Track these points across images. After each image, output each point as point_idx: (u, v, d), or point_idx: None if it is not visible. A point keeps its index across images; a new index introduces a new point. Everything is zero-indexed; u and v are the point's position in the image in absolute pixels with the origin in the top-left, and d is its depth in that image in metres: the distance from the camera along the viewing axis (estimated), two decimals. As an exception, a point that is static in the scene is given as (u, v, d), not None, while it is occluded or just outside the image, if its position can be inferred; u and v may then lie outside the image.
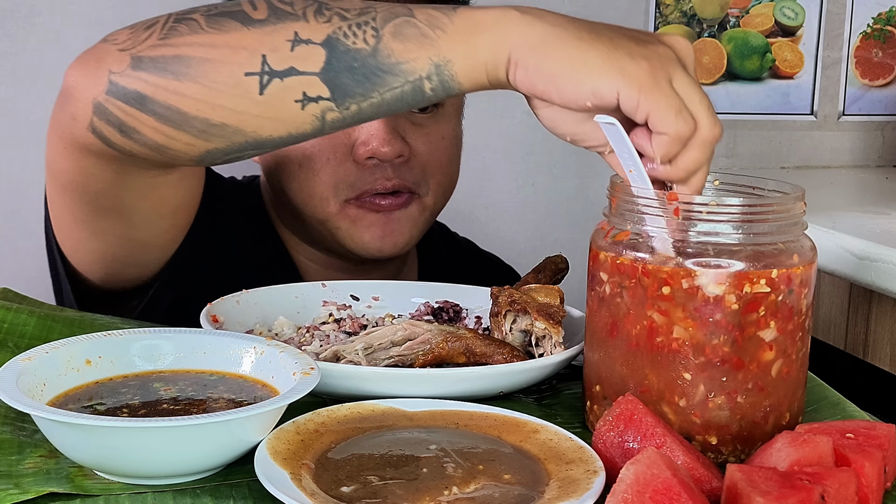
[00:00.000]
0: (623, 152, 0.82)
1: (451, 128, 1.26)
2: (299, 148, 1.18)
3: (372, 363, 0.90)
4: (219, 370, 0.84)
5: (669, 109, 0.80)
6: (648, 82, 0.80)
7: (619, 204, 0.83)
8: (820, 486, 0.65)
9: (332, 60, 0.84)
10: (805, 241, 0.82)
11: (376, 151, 1.17)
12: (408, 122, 1.21)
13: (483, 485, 0.70)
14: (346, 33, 0.85)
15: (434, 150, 1.23)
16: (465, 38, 0.84)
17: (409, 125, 1.21)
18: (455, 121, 1.27)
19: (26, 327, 0.95)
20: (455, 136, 1.27)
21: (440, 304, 1.10)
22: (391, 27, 0.85)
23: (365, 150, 1.17)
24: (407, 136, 1.20)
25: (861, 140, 2.15)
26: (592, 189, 1.92)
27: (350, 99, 0.85)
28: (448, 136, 1.25)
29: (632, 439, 0.73)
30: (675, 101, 0.80)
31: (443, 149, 1.24)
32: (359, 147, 1.18)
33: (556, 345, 0.92)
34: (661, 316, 0.79)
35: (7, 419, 0.81)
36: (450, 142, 1.25)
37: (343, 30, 0.85)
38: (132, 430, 0.69)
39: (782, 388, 0.81)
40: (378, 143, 1.17)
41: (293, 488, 0.68)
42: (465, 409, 0.83)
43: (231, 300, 1.04)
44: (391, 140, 1.17)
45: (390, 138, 1.17)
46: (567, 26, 0.84)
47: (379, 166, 1.19)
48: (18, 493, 0.69)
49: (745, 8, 2.03)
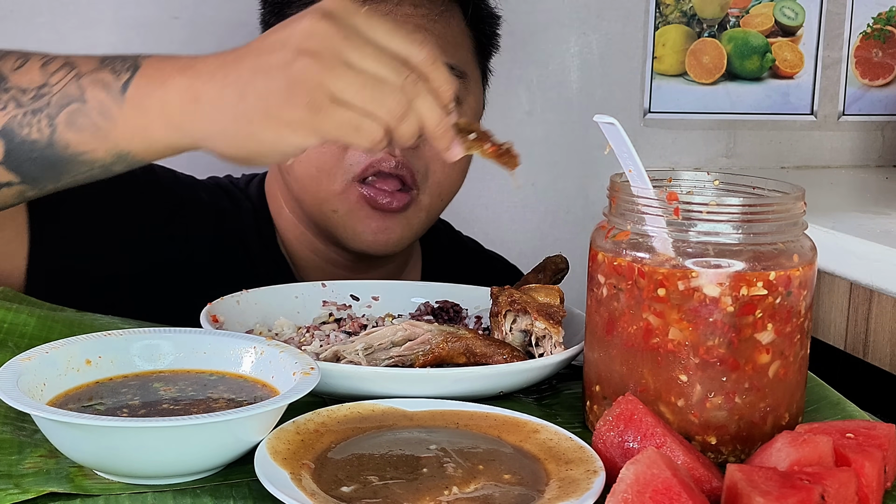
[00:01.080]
0: (623, 152, 0.82)
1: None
2: None
3: (372, 363, 0.90)
4: (219, 370, 0.84)
5: (344, 131, 0.78)
6: (306, 119, 0.78)
7: (619, 204, 0.83)
8: (820, 486, 0.65)
9: (11, 151, 0.86)
10: (805, 241, 0.82)
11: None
12: None
13: (483, 485, 0.70)
14: (21, 122, 0.86)
15: None
16: (138, 130, 0.85)
17: None
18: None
19: (26, 327, 0.95)
20: None
21: (440, 303, 1.10)
22: (65, 115, 0.86)
23: None
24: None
25: (861, 140, 2.15)
26: (592, 189, 1.92)
27: (42, 182, 0.88)
28: None
29: (632, 439, 0.73)
30: (346, 117, 0.78)
31: None
32: None
33: (556, 345, 0.92)
34: (656, 318, 0.79)
35: (7, 419, 0.81)
36: None
37: (18, 118, 0.86)
38: (132, 430, 0.69)
39: (780, 389, 0.81)
40: None
41: (293, 488, 0.68)
42: (465, 409, 0.83)
43: (231, 300, 1.04)
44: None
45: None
46: (222, 93, 0.81)
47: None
48: (18, 493, 0.69)
49: (745, 8, 2.03)
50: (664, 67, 1.99)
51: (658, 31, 1.97)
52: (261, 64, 0.80)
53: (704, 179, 0.89)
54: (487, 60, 1.32)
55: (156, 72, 0.85)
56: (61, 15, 1.59)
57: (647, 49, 1.97)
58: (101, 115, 0.85)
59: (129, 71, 0.85)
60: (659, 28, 1.97)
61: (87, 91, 0.85)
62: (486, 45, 1.29)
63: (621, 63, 1.94)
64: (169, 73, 0.84)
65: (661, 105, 2.00)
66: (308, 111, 0.78)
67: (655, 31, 1.97)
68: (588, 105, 1.91)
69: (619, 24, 1.93)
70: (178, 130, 0.84)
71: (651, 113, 1.99)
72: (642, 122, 1.98)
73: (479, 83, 1.28)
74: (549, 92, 1.89)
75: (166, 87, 0.84)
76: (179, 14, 1.63)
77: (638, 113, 1.98)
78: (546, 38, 1.87)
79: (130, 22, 1.60)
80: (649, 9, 1.96)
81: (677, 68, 2.00)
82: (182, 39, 1.63)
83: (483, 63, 1.30)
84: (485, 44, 1.29)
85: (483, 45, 1.29)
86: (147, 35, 1.61)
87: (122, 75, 0.85)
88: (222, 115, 0.81)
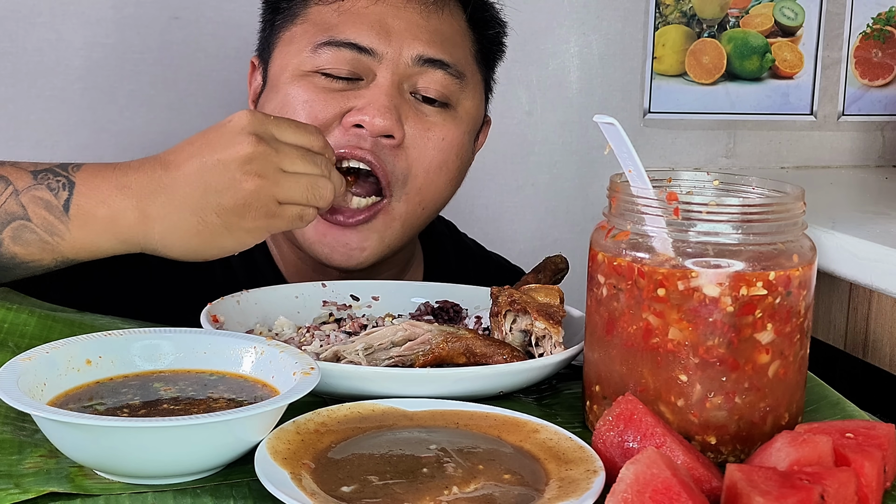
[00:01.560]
0: (622, 152, 0.82)
1: (457, 134, 1.17)
2: (292, 99, 1.15)
3: (372, 363, 0.90)
4: (219, 370, 0.84)
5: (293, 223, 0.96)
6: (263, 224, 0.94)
7: (619, 204, 0.83)
8: (820, 486, 0.65)
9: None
10: (805, 241, 0.82)
11: (368, 121, 1.10)
12: (412, 107, 1.15)
13: (483, 484, 0.70)
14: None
15: (428, 147, 1.14)
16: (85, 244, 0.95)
17: (412, 111, 1.14)
18: (463, 131, 1.18)
19: (26, 327, 0.95)
20: (458, 145, 1.18)
21: (440, 304, 1.10)
22: (10, 231, 0.94)
23: (356, 117, 1.11)
24: (406, 122, 1.13)
25: (861, 140, 2.15)
26: (592, 189, 1.92)
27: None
28: (449, 139, 1.16)
29: (632, 439, 0.73)
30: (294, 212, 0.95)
31: (438, 150, 1.15)
32: (352, 113, 1.12)
33: (556, 345, 0.92)
34: (656, 318, 0.79)
35: (7, 419, 0.81)
36: (449, 145, 1.16)
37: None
38: (132, 430, 0.69)
39: (780, 389, 0.81)
40: (373, 112, 1.11)
41: (293, 488, 0.68)
42: (465, 408, 0.83)
43: (231, 300, 1.04)
44: (387, 114, 1.11)
45: (387, 112, 1.11)
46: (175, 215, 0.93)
47: (362, 137, 1.12)
48: (18, 493, 0.69)
49: (745, 8, 2.03)
50: (664, 67, 1.98)
51: (658, 32, 1.97)
52: (209, 185, 0.92)
53: (704, 179, 0.89)
54: (492, 69, 1.27)
55: (92, 190, 0.94)
56: (61, 15, 1.58)
57: (646, 49, 1.97)
58: (47, 232, 0.94)
59: (65, 189, 0.95)
60: (659, 28, 1.97)
61: (29, 209, 0.94)
62: (488, 49, 1.25)
63: (621, 63, 1.94)
64: (106, 192, 0.94)
65: (661, 105, 2.00)
66: (265, 219, 0.94)
67: (655, 32, 1.97)
68: (588, 105, 1.91)
69: (619, 24, 1.93)
70: (125, 242, 0.95)
71: (651, 113, 1.99)
72: (642, 122, 1.98)
73: (478, 88, 1.22)
74: (549, 92, 1.89)
75: (109, 205, 0.94)
76: (179, 14, 1.63)
77: (638, 113, 1.97)
78: (546, 38, 1.87)
79: (130, 22, 1.60)
80: (649, 9, 1.96)
81: (677, 68, 2.00)
82: (182, 39, 1.63)
83: (486, 70, 1.25)
84: (487, 48, 1.24)
85: (485, 50, 1.24)
86: (147, 35, 1.61)
87: (61, 193, 0.94)
88: (180, 231, 0.94)
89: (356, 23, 1.15)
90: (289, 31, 1.19)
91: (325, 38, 1.15)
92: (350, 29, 1.15)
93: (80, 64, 1.60)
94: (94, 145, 1.61)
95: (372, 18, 1.15)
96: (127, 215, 0.94)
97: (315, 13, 1.18)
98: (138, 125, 1.62)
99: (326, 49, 1.15)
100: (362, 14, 1.16)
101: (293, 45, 1.18)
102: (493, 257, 1.48)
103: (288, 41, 1.19)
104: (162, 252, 0.96)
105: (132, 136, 1.61)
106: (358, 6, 1.16)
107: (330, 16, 1.16)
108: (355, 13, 1.16)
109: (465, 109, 1.19)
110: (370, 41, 1.14)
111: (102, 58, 1.60)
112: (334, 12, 1.17)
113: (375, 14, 1.15)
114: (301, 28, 1.18)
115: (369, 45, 1.14)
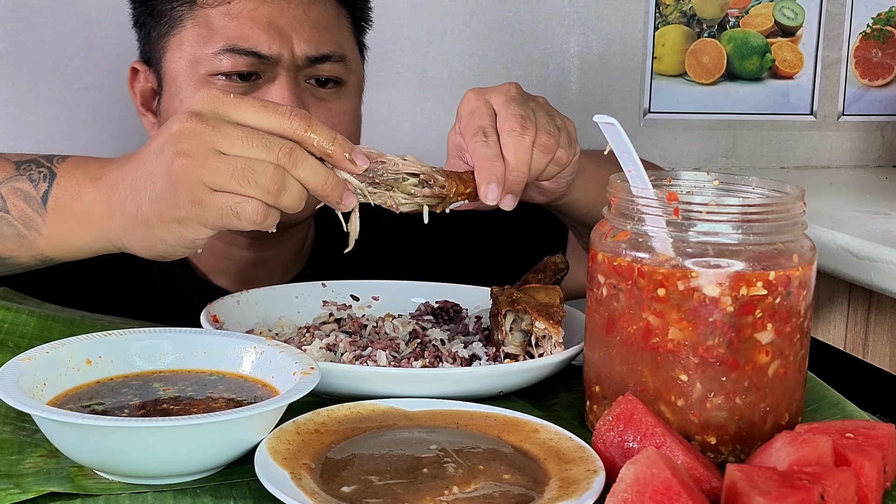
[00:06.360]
0: (622, 152, 0.82)
1: (352, 105, 1.25)
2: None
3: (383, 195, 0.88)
4: (219, 370, 0.84)
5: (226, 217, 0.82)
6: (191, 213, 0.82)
7: (619, 204, 0.83)
8: (819, 486, 0.65)
9: None
10: (805, 241, 0.82)
11: None
12: (311, 95, 1.20)
13: (483, 484, 0.70)
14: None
15: (335, 126, 1.20)
16: (61, 240, 0.92)
17: (312, 98, 1.20)
18: (356, 99, 1.27)
19: (26, 327, 0.95)
20: (355, 114, 1.26)
21: (440, 303, 1.10)
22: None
23: None
24: (310, 109, 1.18)
25: (861, 140, 2.15)
26: (592, 189, 1.92)
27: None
28: (349, 112, 1.24)
29: (632, 439, 0.73)
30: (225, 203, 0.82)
31: (343, 124, 1.22)
32: None
33: (556, 345, 0.92)
34: (656, 318, 0.79)
35: (7, 419, 0.81)
36: (350, 118, 1.24)
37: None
38: (132, 430, 0.69)
39: (780, 388, 0.81)
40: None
41: (293, 488, 0.68)
42: (465, 409, 0.83)
43: (231, 300, 1.04)
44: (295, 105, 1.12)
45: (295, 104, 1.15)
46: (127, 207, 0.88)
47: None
48: (18, 493, 0.69)
49: (745, 8, 2.03)
50: (664, 67, 1.99)
51: (658, 32, 1.97)
52: (147, 170, 0.85)
53: (704, 179, 0.89)
54: (363, 35, 1.33)
55: (70, 182, 0.92)
56: (61, 15, 1.59)
57: (646, 49, 1.97)
58: (25, 225, 0.92)
59: (45, 181, 0.92)
60: (659, 28, 1.97)
61: (9, 200, 0.92)
62: (359, 20, 1.31)
63: (621, 63, 1.94)
64: (82, 183, 0.91)
65: (661, 105, 2.00)
66: (192, 207, 0.82)
67: (655, 32, 1.97)
68: (588, 105, 1.91)
69: (619, 24, 1.93)
70: (97, 239, 0.91)
71: (651, 113, 1.99)
72: (642, 122, 1.98)
73: (358, 60, 1.29)
74: (549, 92, 1.89)
75: (82, 198, 0.91)
76: (179, 14, 1.62)
77: (638, 113, 1.98)
78: (546, 38, 1.87)
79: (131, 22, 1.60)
80: (649, 9, 1.96)
81: (677, 68, 2.00)
82: (182, 39, 1.63)
83: (359, 36, 1.31)
84: (359, 19, 1.31)
85: (358, 22, 1.30)
86: (147, 35, 1.61)
87: (41, 185, 0.92)
88: (129, 222, 0.87)
89: (252, 28, 1.16)
90: (177, 35, 1.19)
91: (224, 46, 1.16)
92: (248, 36, 1.16)
93: (80, 64, 1.60)
94: (94, 145, 1.61)
95: (264, 21, 1.17)
96: (96, 207, 0.90)
97: (203, 16, 1.18)
98: (138, 125, 1.62)
99: (227, 56, 1.16)
100: (254, 18, 1.17)
101: (185, 49, 1.18)
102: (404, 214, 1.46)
103: (178, 45, 1.19)
104: (124, 248, 0.91)
105: (132, 136, 1.61)
106: (247, 8, 1.17)
107: (219, 19, 1.17)
108: (247, 17, 1.17)
109: (352, 82, 1.25)
110: (269, 48, 1.16)
111: (102, 58, 1.60)
112: (224, 15, 1.17)
113: (265, 16, 1.17)
114: (192, 32, 1.18)
115: (268, 52, 1.16)
